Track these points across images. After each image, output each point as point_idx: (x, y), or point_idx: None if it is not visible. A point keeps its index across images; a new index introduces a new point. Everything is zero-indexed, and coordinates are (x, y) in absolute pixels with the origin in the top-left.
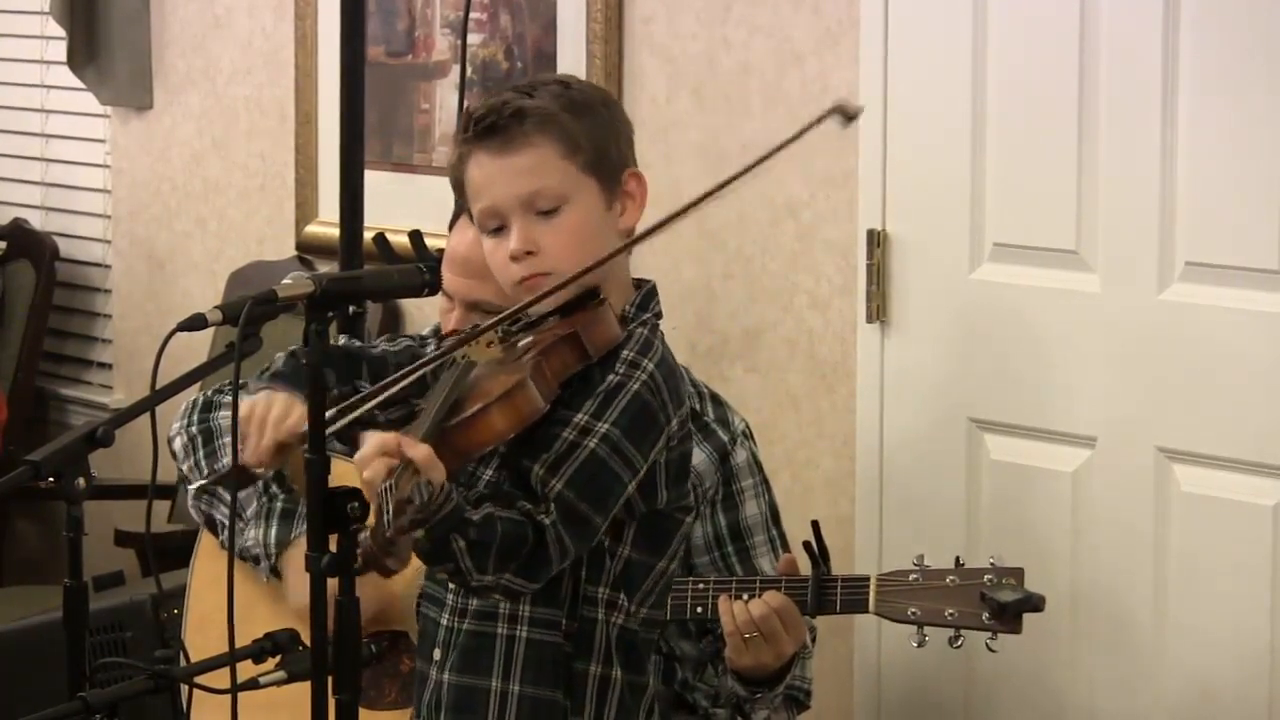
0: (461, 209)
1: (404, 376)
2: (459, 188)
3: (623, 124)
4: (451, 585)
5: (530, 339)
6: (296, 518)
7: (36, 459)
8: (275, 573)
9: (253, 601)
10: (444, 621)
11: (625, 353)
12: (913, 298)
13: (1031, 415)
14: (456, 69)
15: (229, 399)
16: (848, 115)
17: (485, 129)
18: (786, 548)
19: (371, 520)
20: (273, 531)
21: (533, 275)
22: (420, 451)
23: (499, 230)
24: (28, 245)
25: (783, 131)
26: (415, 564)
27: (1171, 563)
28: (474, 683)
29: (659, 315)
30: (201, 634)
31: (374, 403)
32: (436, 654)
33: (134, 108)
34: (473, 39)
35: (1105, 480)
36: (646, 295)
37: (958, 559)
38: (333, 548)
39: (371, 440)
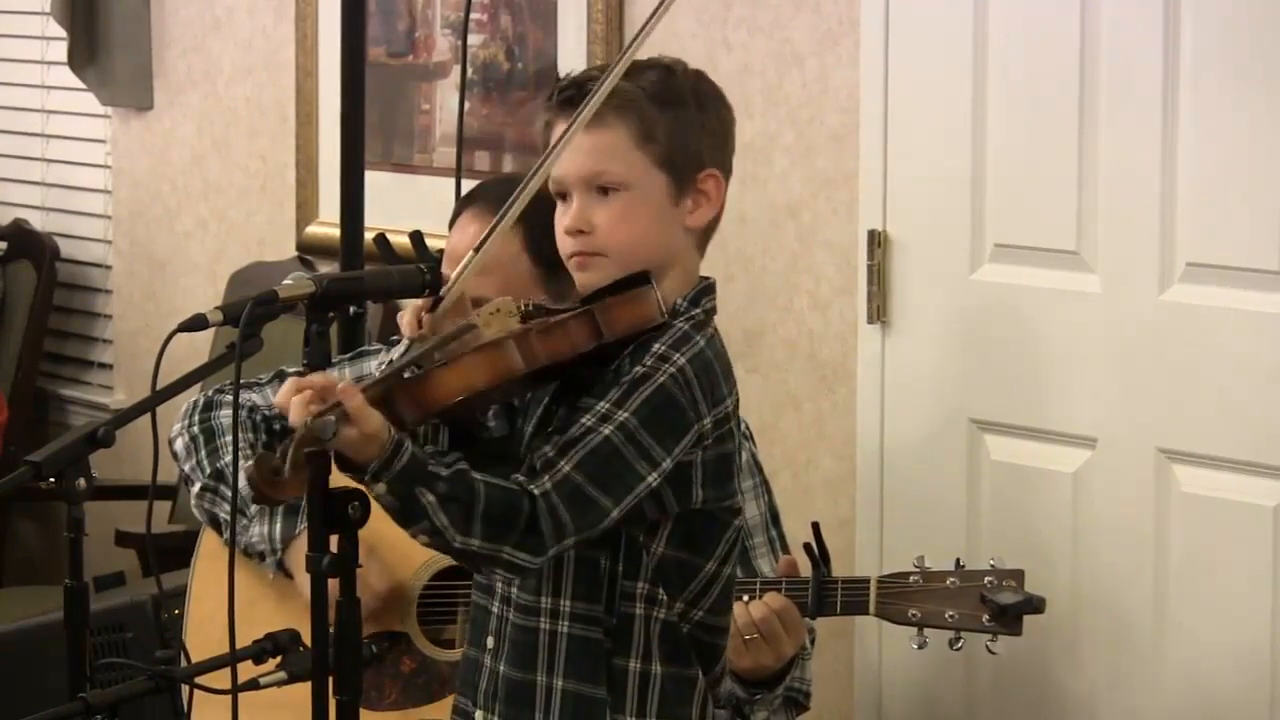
0: (462, 207)
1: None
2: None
3: (714, 123)
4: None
5: (548, 313)
6: (301, 512)
7: (37, 459)
8: (281, 568)
9: (254, 602)
10: (494, 610)
11: (657, 346)
12: (913, 298)
13: (1032, 416)
14: (457, 70)
15: (229, 398)
16: None
17: (566, 100)
18: (786, 549)
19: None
20: (278, 527)
21: (582, 253)
22: (352, 400)
23: (565, 198)
24: (28, 245)
25: (783, 132)
26: (418, 562)
27: (1172, 564)
28: (524, 676)
29: (710, 312)
30: (202, 634)
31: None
32: (489, 642)
33: (134, 108)
34: (473, 40)
35: (1106, 481)
36: (700, 292)
37: (958, 561)
38: (334, 548)
39: (314, 378)
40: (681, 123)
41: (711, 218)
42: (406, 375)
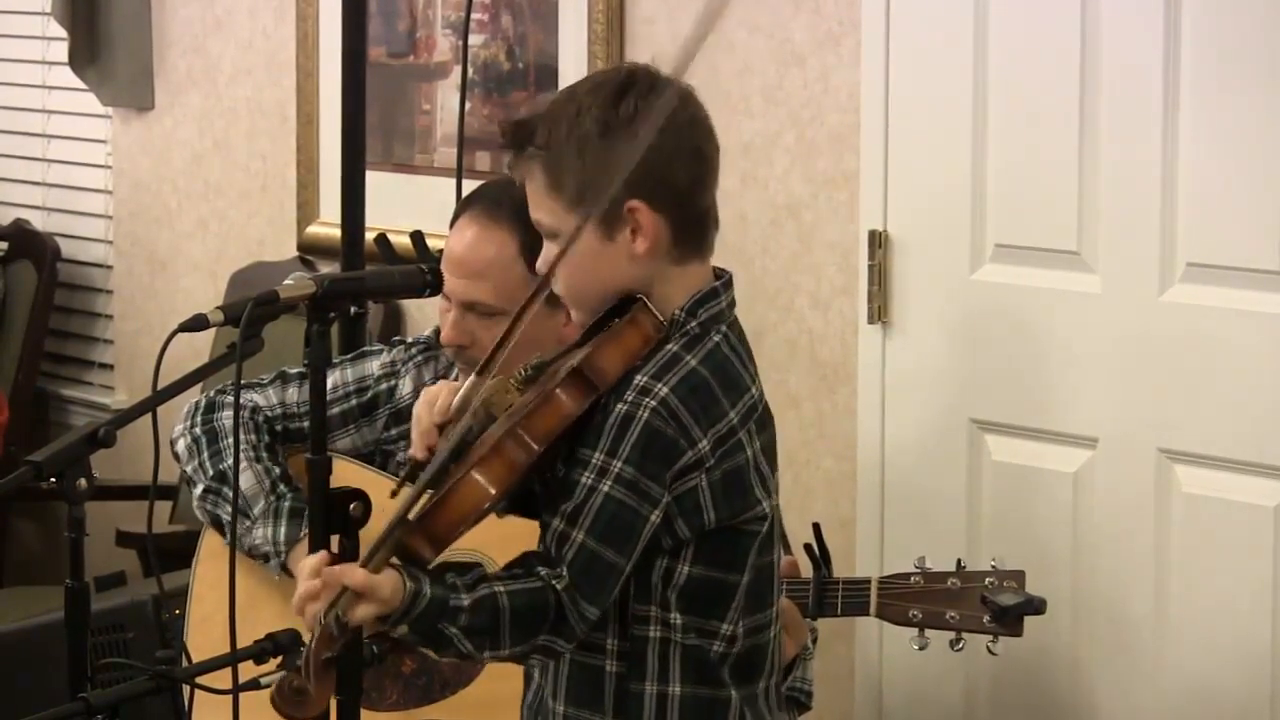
0: (461, 210)
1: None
2: None
3: (628, 152)
4: None
5: (542, 380)
6: (305, 515)
7: (38, 459)
8: (285, 570)
9: (255, 601)
10: None
11: (639, 378)
12: (914, 298)
13: (1033, 416)
14: (457, 70)
15: (231, 399)
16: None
17: (513, 144)
18: (788, 549)
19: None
20: (282, 529)
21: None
22: (355, 578)
23: None
24: (29, 246)
25: (784, 132)
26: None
27: (1173, 564)
28: (545, 698)
29: (707, 322)
30: (203, 634)
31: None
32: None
33: (135, 108)
34: (474, 40)
35: (1106, 481)
36: (698, 300)
37: (959, 562)
38: (335, 549)
39: (302, 572)
40: (588, 161)
41: (652, 245)
42: (410, 518)
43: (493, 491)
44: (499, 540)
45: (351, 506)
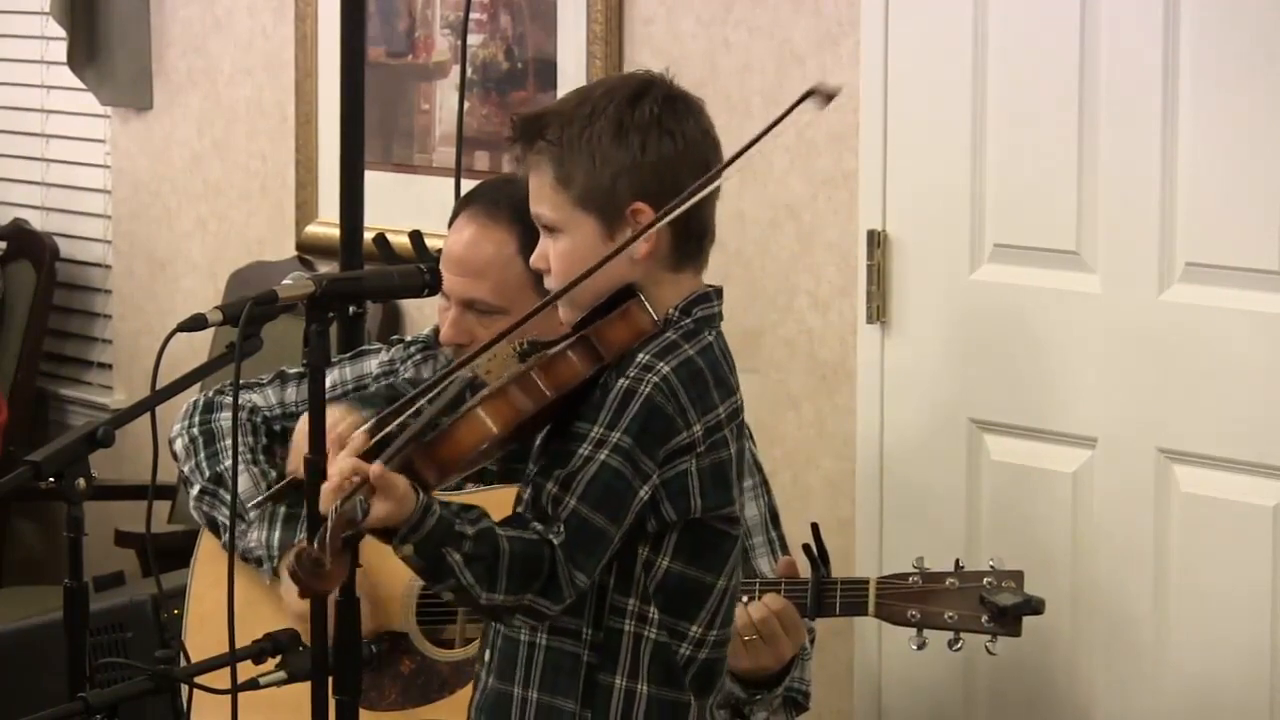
0: (460, 209)
1: (424, 393)
2: None
3: (636, 156)
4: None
5: (543, 348)
6: (300, 521)
7: (37, 459)
8: (278, 575)
9: (253, 602)
10: (493, 625)
11: (641, 356)
12: (913, 298)
13: (1032, 416)
14: (456, 69)
15: (230, 399)
16: (826, 96)
17: (511, 138)
18: (786, 549)
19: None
20: (276, 534)
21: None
22: (374, 470)
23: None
24: (28, 246)
25: (782, 133)
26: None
27: (1172, 564)
28: (505, 689)
29: (702, 321)
30: (202, 634)
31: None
32: (486, 656)
33: (134, 108)
34: (473, 39)
35: (1105, 481)
36: (692, 301)
37: (958, 561)
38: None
39: (332, 465)
40: (597, 162)
41: (653, 249)
42: (425, 439)
43: (494, 430)
44: None
45: None
